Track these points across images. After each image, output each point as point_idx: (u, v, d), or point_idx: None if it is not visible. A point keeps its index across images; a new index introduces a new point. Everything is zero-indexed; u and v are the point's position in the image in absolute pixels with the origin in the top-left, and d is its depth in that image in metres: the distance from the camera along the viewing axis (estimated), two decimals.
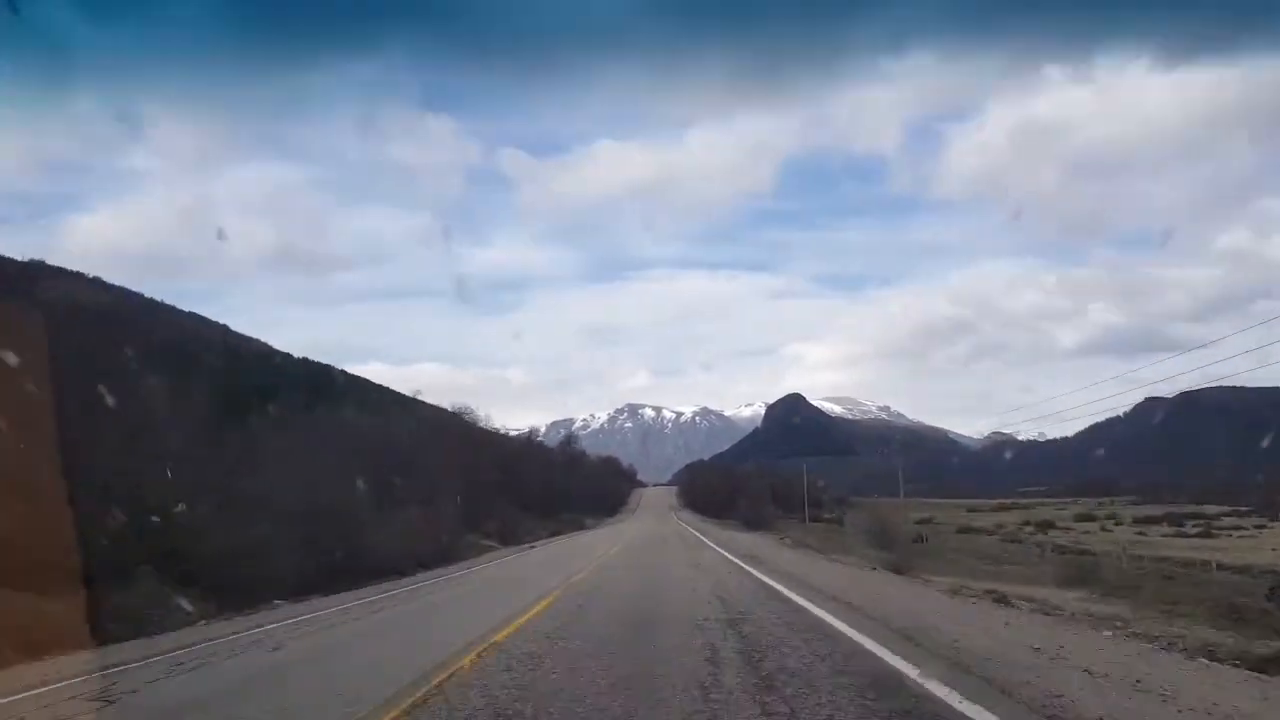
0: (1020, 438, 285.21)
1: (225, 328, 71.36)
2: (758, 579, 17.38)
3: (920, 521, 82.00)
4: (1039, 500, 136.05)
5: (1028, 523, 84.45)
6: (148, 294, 71.24)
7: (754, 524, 62.79)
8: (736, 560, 24.02)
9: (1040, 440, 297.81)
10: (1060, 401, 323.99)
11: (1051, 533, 71.09)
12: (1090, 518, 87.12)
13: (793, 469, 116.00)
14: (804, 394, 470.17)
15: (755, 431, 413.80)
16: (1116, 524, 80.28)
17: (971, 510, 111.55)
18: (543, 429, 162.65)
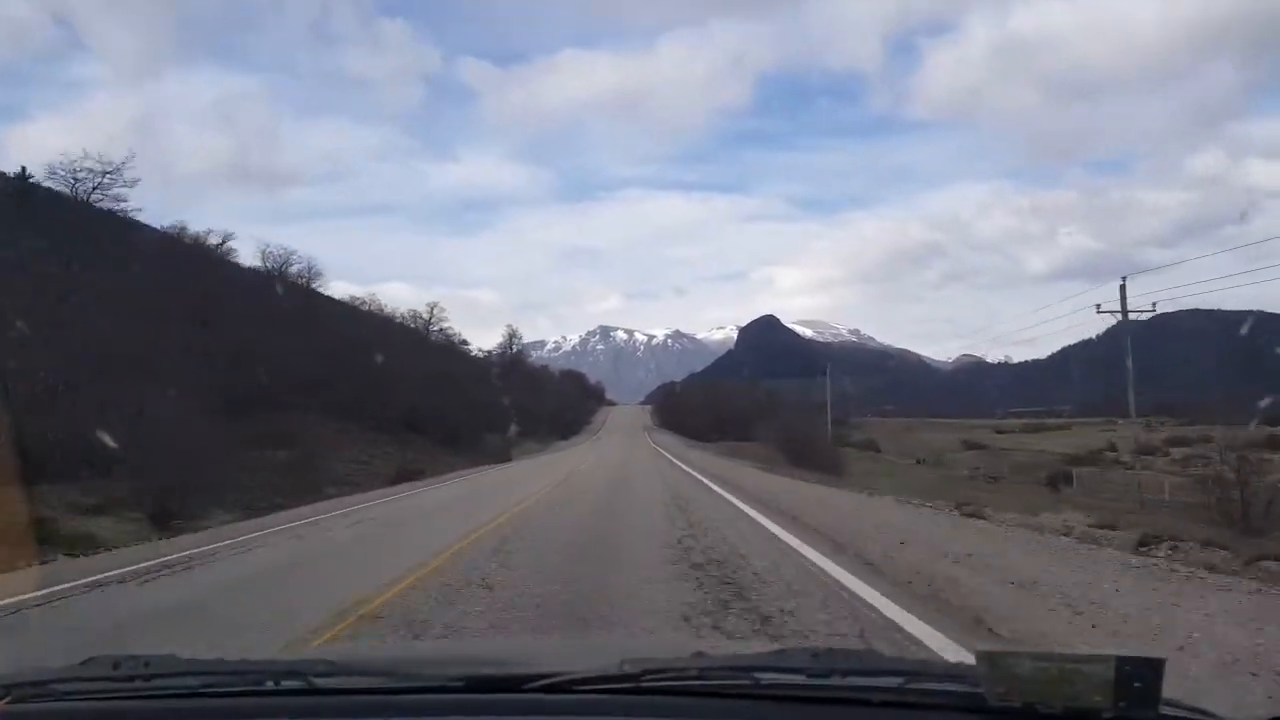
0: (990, 360, 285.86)
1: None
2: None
3: (970, 447, 72.26)
4: (1053, 420, 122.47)
5: (1111, 448, 58.71)
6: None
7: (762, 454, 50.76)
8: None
9: (1009, 362, 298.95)
10: (1033, 324, 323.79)
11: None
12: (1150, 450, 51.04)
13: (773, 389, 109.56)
14: (777, 316, 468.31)
15: (729, 353, 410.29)
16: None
17: (1000, 432, 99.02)
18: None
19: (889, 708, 1.43)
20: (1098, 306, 35.22)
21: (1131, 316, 34.31)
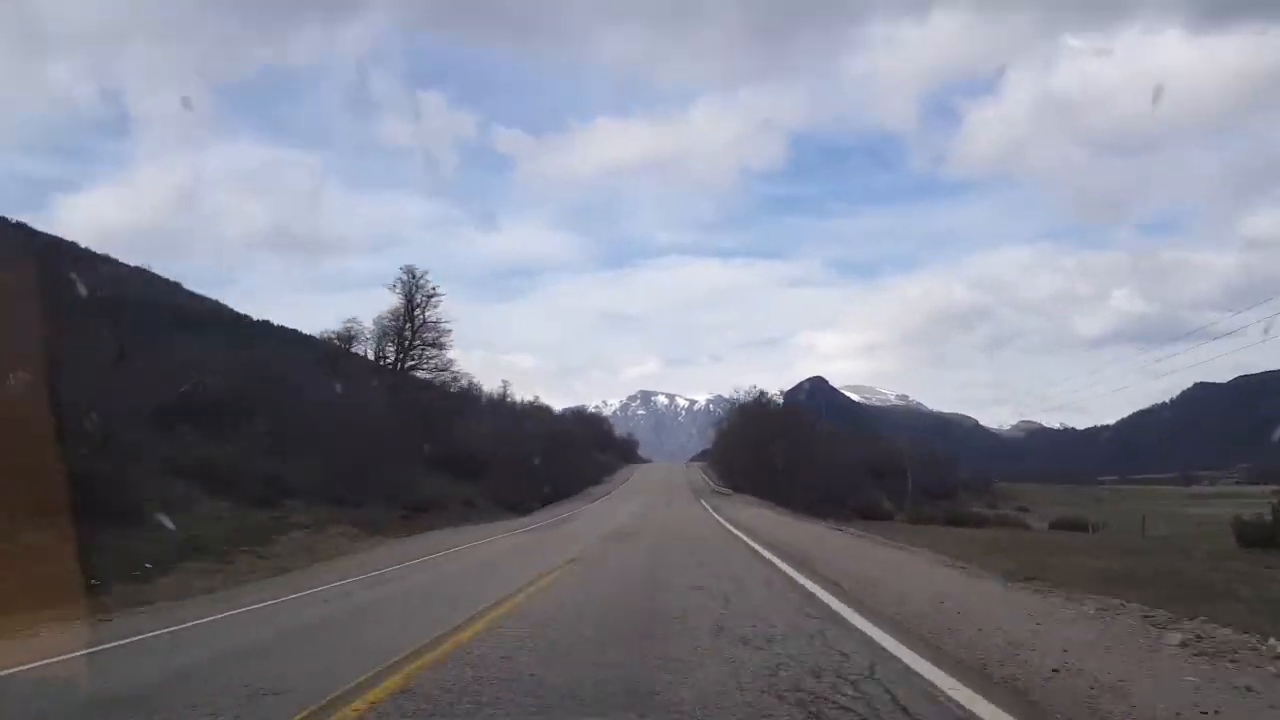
0: (1046, 425, 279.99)
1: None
2: None
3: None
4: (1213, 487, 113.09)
5: None
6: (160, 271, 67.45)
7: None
8: None
9: (1062, 428, 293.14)
10: (1092, 388, 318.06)
11: None
12: None
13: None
14: (825, 379, 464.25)
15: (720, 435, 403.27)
16: None
17: (1194, 497, 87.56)
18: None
19: None
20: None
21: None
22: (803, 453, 56.08)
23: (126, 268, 56.23)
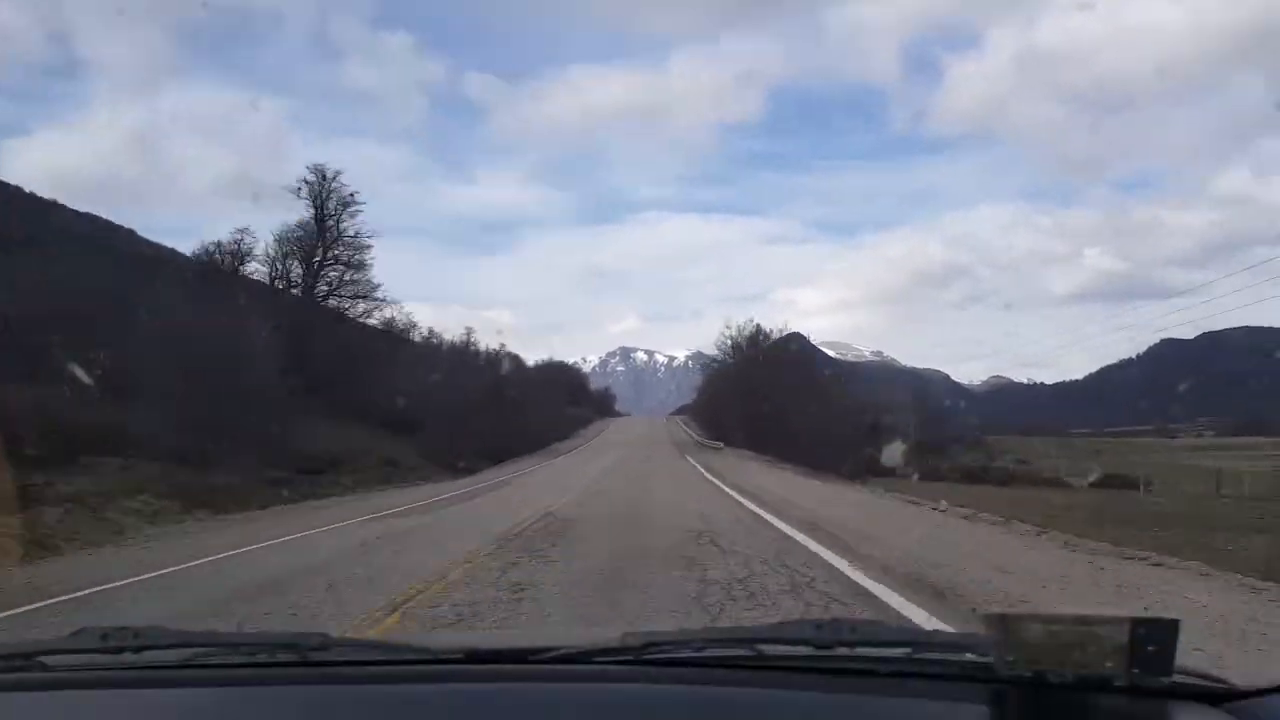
0: (1017, 380, 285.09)
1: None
2: None
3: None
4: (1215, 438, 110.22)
5: None
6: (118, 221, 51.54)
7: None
8: None
9: (1043, 384, 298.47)
10: (1061, 344, 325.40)
11: None
12: None
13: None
14: (804, 335, 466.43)
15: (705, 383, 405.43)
16: None
17: (1197, 449, 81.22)
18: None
19: (895, 678, 1.37)
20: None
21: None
22: (802, 401, 46.67)
23: (74, 213, 51.14)
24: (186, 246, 44.00)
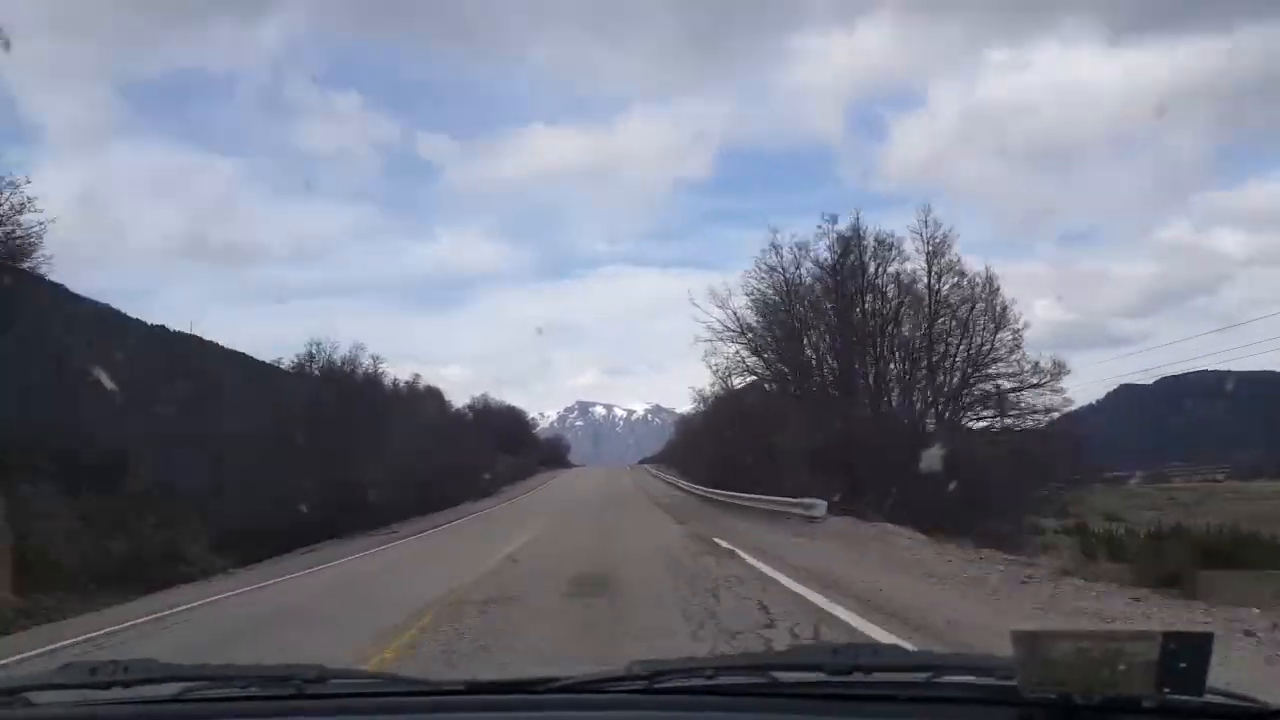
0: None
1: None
2: None
3: None
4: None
5: None
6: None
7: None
8: None
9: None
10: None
11: None
12: None
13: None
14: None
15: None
16: None
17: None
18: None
19: (916, 703, 1.31)
20: None
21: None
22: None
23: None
24: (137, 309, 41.22)
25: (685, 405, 60.99)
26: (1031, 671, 1.16)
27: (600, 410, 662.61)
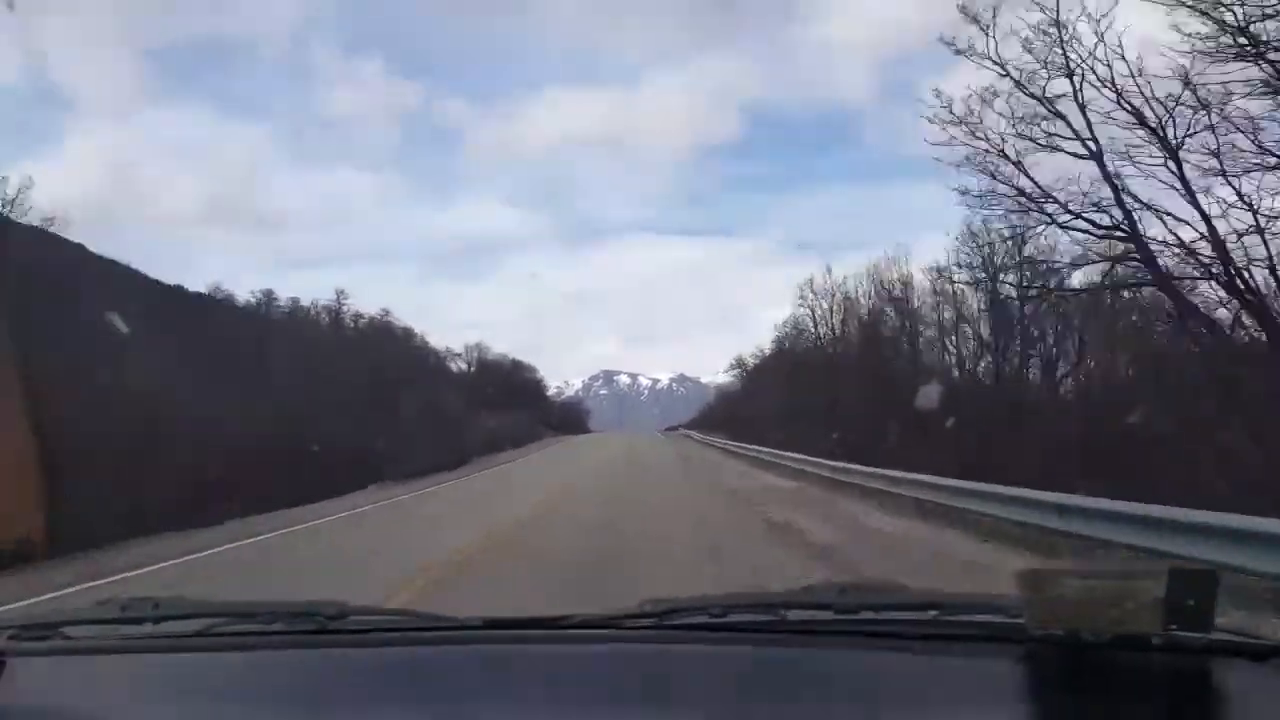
0: None
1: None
2: None
3: None
4: None
5: None
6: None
7: None
8: None
9: None
10: None
11: None
12: None
13: None
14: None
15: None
16: None
17: None
18: None
19: (923, 641, 1.32)
20: None
21: None
22: None
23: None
24: (159, 273, 41.07)
25: (707, 375, 66.88)
26: (1038, 609, 1.16)
27: (625, 379, 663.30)
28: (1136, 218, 12.63)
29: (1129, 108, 12.23)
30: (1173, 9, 10.76)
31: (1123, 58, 12.10)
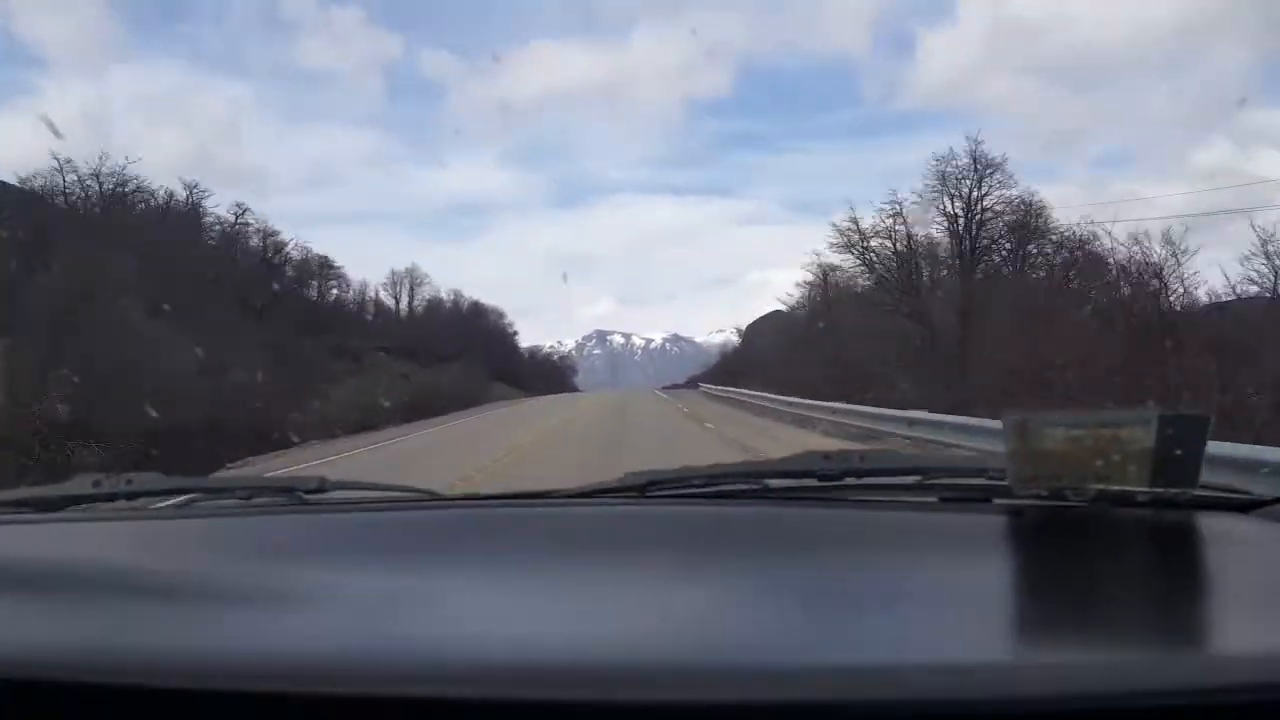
0: None
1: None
2: None
3: None
4: None
5: None
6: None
7: None
8: None
9: None
10: None
11: None
12: None
13: None
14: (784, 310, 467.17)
15: (735, 350, 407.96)
16: None
17: None
18: None
19: (906, 505, 1.31)
20: None
21: None
22: None
23: None
24: None
25: (701, 335, 59.50)
26: (1022, 462, 1.13)
27: (618, 339, 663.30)
28: None
29: None
30: None
31: None
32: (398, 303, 58.77)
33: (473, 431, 25.69)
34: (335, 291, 49.02)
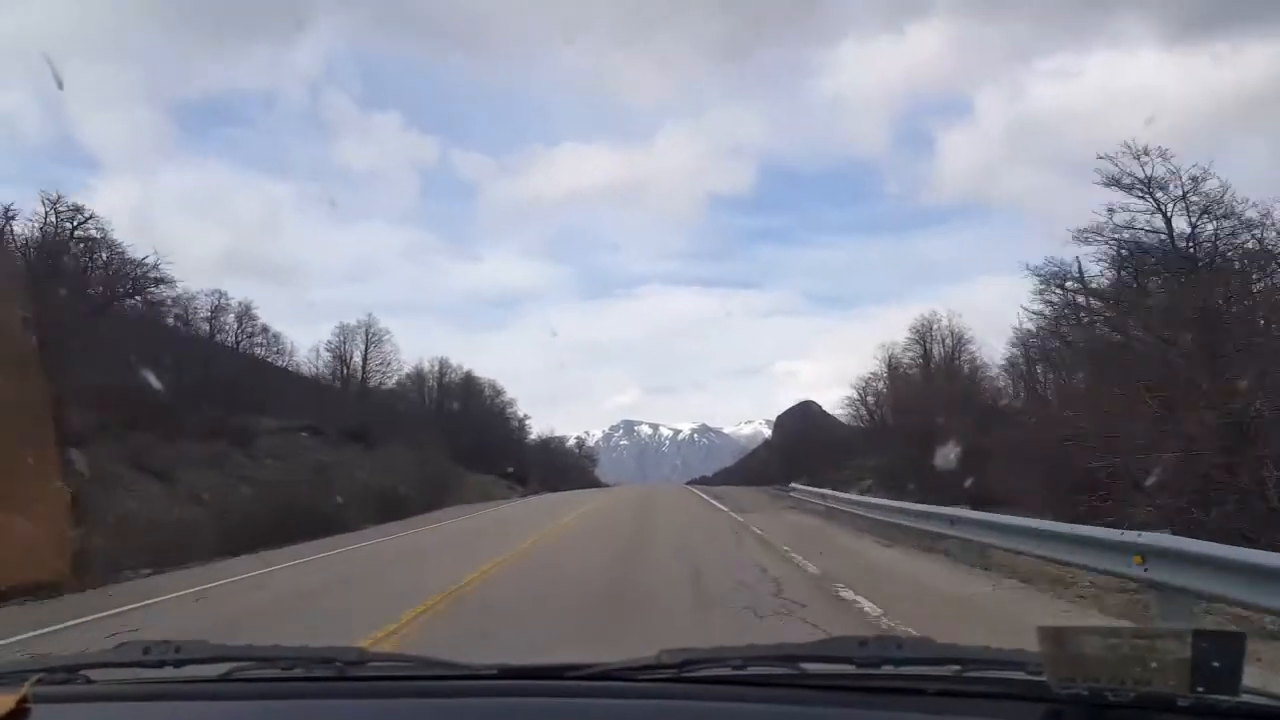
0: None
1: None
2: None
3: None
4: None
5: None
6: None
7: None
8: None
9: None
10: None
11: None
12: None
13: None
14: (815, 401, 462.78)
15: (766, 442, 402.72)
16: None
17: None
18: None
19: (944, 697, 1.30)
20: None
21: None
22: None
23: None
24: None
25: (729, 426, 57.20)
26: (1061, 666, 1.13)
27: (646, 430, 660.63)
28: None
29: None
30: None
31: None
32: (345, 370, 44.78)
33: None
34: (259, 350, 37.85)
